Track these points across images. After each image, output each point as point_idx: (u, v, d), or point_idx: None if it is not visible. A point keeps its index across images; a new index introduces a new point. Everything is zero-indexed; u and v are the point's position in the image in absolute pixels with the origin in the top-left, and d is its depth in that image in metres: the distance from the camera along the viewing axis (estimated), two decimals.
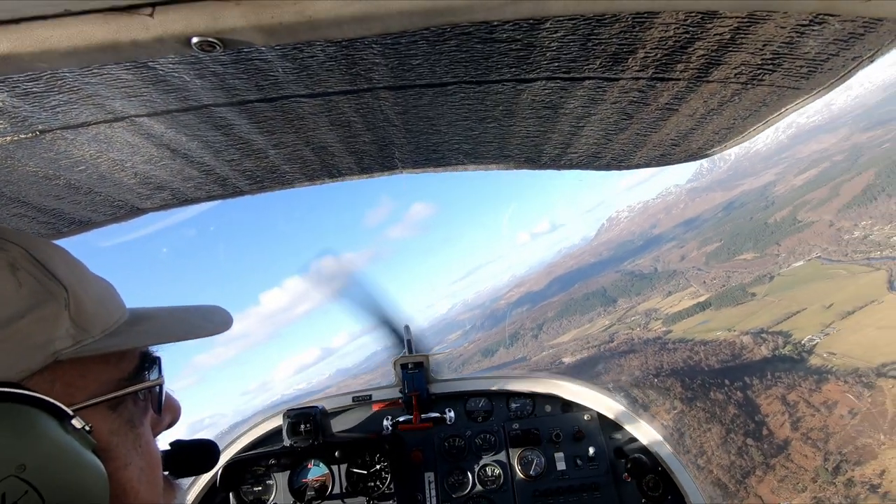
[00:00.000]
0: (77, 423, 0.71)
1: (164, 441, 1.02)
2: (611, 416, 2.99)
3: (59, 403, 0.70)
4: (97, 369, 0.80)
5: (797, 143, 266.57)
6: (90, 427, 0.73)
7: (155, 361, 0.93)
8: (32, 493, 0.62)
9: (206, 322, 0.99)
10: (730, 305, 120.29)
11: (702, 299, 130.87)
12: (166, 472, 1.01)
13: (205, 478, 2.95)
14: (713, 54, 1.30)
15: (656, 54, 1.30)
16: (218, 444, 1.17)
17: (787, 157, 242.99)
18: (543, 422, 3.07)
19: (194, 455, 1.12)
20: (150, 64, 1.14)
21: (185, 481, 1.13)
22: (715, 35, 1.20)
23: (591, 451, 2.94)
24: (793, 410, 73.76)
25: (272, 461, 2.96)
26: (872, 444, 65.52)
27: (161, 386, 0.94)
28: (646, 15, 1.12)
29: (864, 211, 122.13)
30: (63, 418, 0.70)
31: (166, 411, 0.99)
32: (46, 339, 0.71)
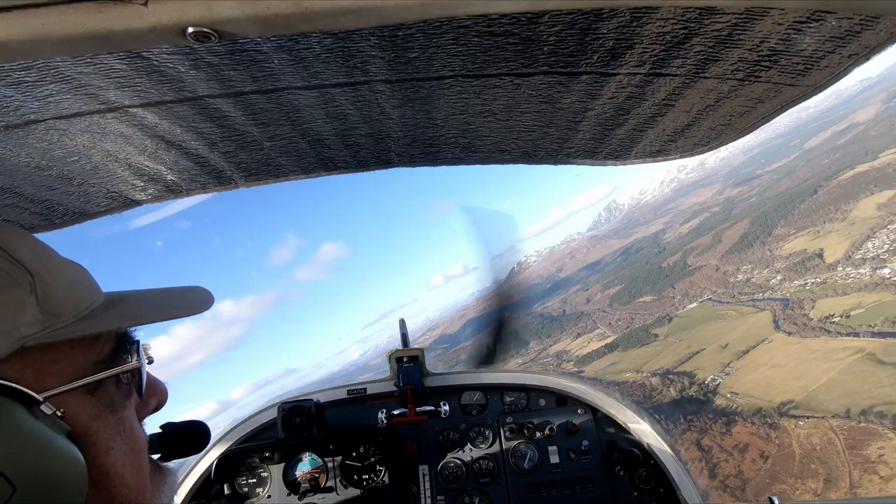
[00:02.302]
0: (46, 409, 0.71)
1: (154, 425, 1.02)
2: (604, 410, 3.01)
3: (25, 389, 0.69)
4: (71, 354, 0.78)
5: (679, 195, 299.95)
6: (62, 412, 0.73)
7: (133, 344, 0.92)
8: (2, 480, 0.62)
9: (183, 302, 0.98)
10: (636, 346, 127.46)
11: (609, 340, 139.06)
12: (156, 456, 1.00)
13: (199, 470, 2.95)
14: (710, 50, 1.29)
15: (654, 50, 1.30)
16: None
17: (672, 207, 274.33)
18: (537, 415, 3.09)
19: (184, 436, 1.11)
20: (144, 54, 1.13)
21: (177, 465, 1.12)
22: (712, 31, 1.20)
23: (585, 444, 2.96)
24: (709, 456, 76.76)
25: (266, 454, 2.96)
26: (787, 489, 67.33)
27: (141, 369, 0.93)
28: (643, 10, 1.11)
29: (744, 256, 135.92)
30: (31, 405, 0.69)
31: (151, 395, 0.98)
32: (11, 325, 0.70)
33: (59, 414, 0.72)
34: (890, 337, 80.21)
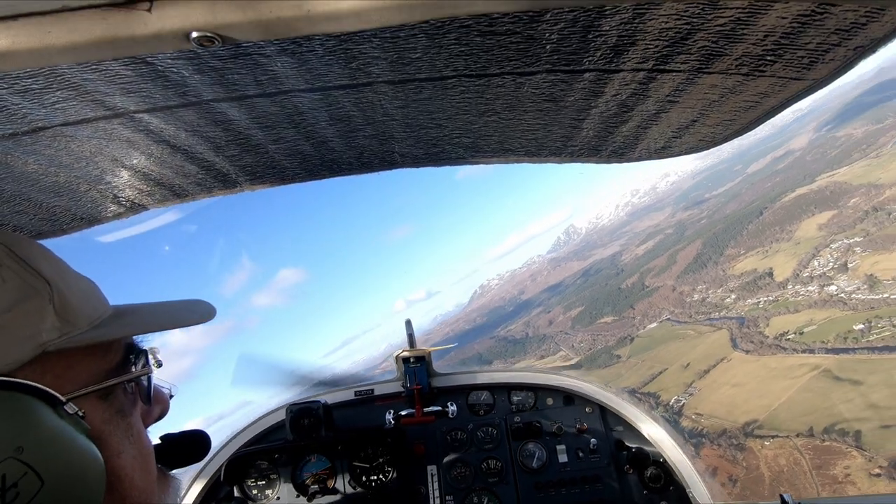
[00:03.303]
0: (70, 408, 0.74)
1: (153, 436, 1.04)
2: (612, 408, 3.00)
3: (51, 390, 0.72)
4: (85, 361, 0.83)
5: (634, 219, 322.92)
6: (83, 413, 0.76)
7: (141, 353, 0.96)
8: (31, 473, 0.65)
9: (189, 313, 1.03)
10: (599, 368, 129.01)
11: (573, 362, 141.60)
12: (159, 465, 1.02)
13: (209, 472, 2.98)
14: (714, 45, 1.29)
15: (657, 46, 1.29)
16: (211, 436, 1.19)
17: (627, 230, 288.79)
18: (545, 415, 3.08)
19: (185, 445, 1.14)
20: (148, 59, 1.14)
21: (182, 473, 1.15)
22: (716, 26, 1.19)
23: (593, 443, 2.95)
24: None
25: (275, 455, 2.98)
26: None
27: (149, 377, 0.98)
28: (646, 6, 1.11)
29: (699, 276, 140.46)
30: (56, 405, 0.73)
31: (155, 402, 1.02)
32: (34, 332, 0.74)
33: (80, 414, 0.76)
34: (843, 353, 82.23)
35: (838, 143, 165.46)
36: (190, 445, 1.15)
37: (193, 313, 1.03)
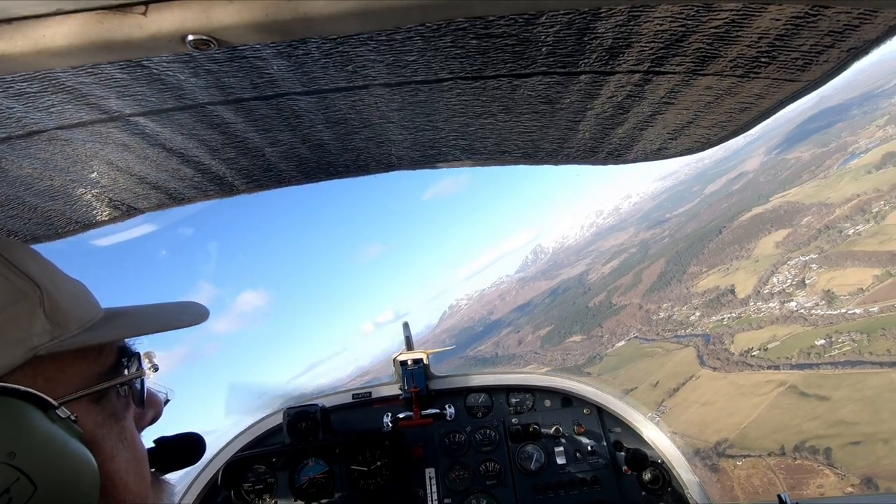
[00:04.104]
0: (62, 412, 0.73)
1: (147, 440, 1.03)
2: (610, 410, 3.00)
3: (42, 395, 0.72)
4: (77, 364, 0.82)
5: (599, 238, 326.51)
6: (75, 417, 0.75)
7: (134, 356, 0.95)
8: (24, 479, 0.64)
9: (182, 315, 1.02)
10: None
11: None
12: (153, 470, 1.02)
13: (206, 476, 2.96)
14: (709, 47, 1.29)
15: (652, 48, 1.30)
16: (205, 438, 1.18)
17: (593, 250, 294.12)
18: (543, 416, 3.08)
19: (179, 448, 1.13)
20: (144, 63, 1.14)
21: (176, 478, 1.14)
22: (710, 28, 1.20)
23: (591, 445, 2.95)
24: None
25: (273, 459, 2.96)
26: None
27: (142, 380, 0.96)
28: (641, 9, 1.11)
29: (664, 294, 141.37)
30: (48, 409, 0.72)
31: (149, 405, 1.01)
32: (24, 335, 0.73)
33: (73, 418, 0.75)
34: (807, 368, 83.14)
35: (788, 165, 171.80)
36: (184, 449, 1.14)
37: (186, 315, 1.02)
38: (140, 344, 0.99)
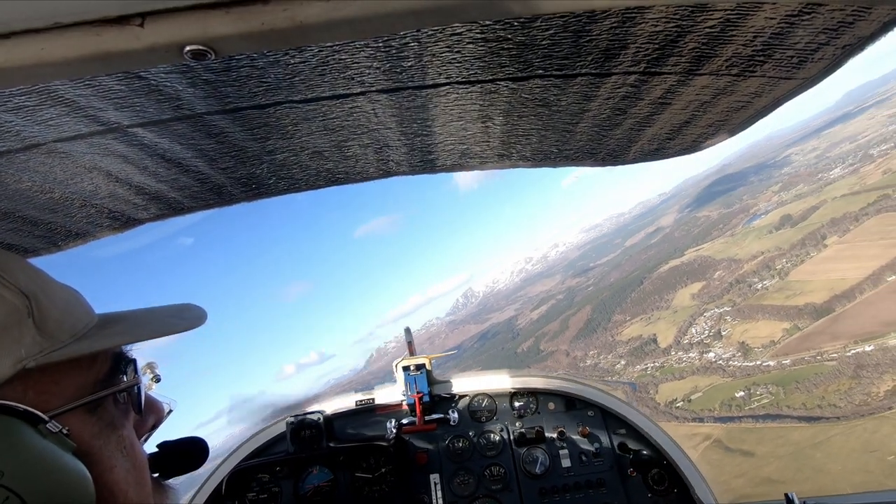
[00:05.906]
0: (52, 427, 0.71)
1: (151, 444, 1.01)
2: (614, 412, 2.99)
3: (30, 409, 0.70)
4: (70, 374, 0.80)
5: (528, 284, 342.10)
6: (66, 430, 0.73)
7: (130, 363, 0.93)
8: (14, 497, 0.62)
9: (178, 319, 0.99)
10: None
11: None
12: (156, 475, 1.00)
13: (210, 485, 2.94)
14: (704, 47, 1.30)
15: (648, 49, 1.30)
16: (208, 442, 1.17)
17: (521, 295, 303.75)
18: (547, 419, 3.07)
19: (182, 453, 1.11)
20: (141, 74, 1.14)
21: (179, 483, 1.12)
22: (705, 28, 1.20)
23: (596, 447, 2.94)
24: None
25: (277, 468, 2.95)
26: None
27: (139, 386, 0.93)
28: (636, 10, 1.12)
29: (590, 341, 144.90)
30: (37, 423, 0.70)
31: (148, 412, 0.98)
32: (12, 348, 0.71)
33: (64, 432, 0.73)
34: (729, 421, 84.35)
35: (699, 223, 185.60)
36: (187, 453, 1.12)
37: (182, 319, 0.99)
38: (138, 349, 0.97)
